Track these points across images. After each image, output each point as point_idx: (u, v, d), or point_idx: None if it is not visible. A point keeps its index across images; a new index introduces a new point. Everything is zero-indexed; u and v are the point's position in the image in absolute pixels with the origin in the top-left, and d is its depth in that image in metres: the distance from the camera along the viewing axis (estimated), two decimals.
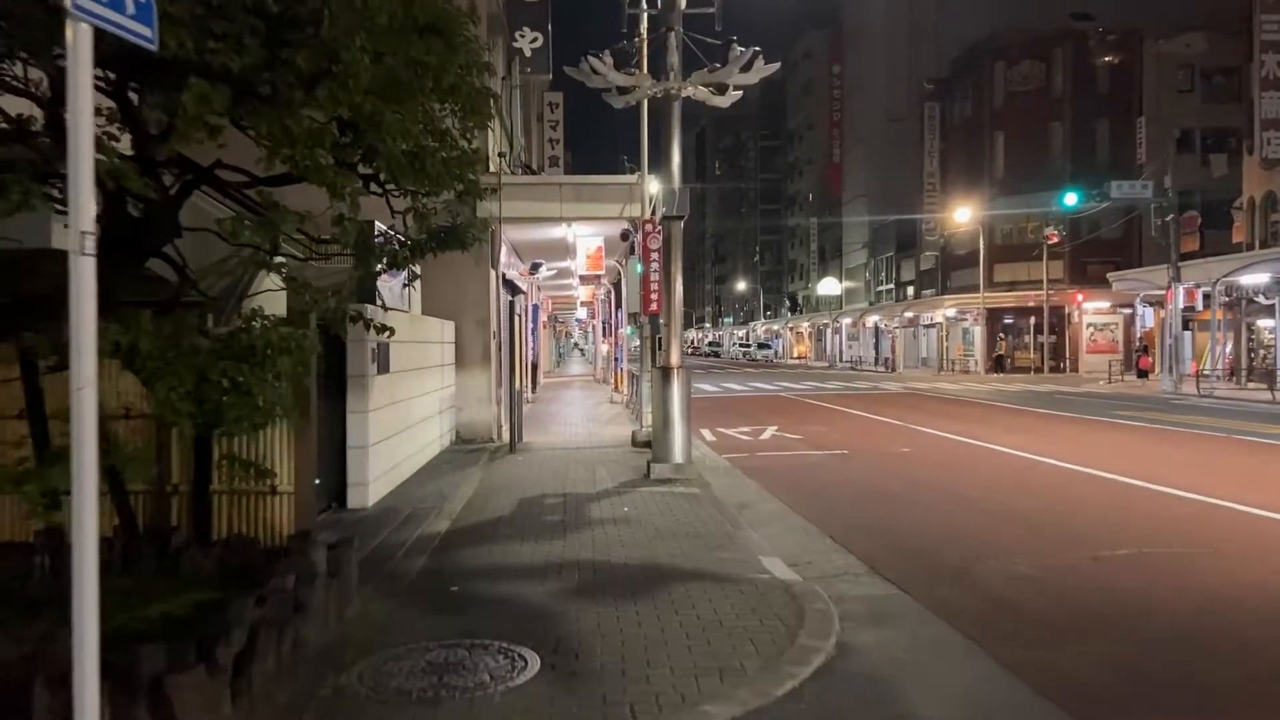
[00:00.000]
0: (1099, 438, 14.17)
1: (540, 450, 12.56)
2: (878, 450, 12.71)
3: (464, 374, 13.82)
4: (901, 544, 6.96)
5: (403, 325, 9.74)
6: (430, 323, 12.11)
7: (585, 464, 11.06)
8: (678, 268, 9.95)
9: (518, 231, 15.30)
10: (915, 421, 16.78)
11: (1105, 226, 41.67)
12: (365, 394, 8.13)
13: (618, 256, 19.43)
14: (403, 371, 9.81)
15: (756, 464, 11.48)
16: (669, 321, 9.94)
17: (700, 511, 7.96)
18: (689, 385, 9.89)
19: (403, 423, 9.73)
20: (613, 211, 13.79)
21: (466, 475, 10.16)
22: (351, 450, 8.13)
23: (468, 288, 13.83)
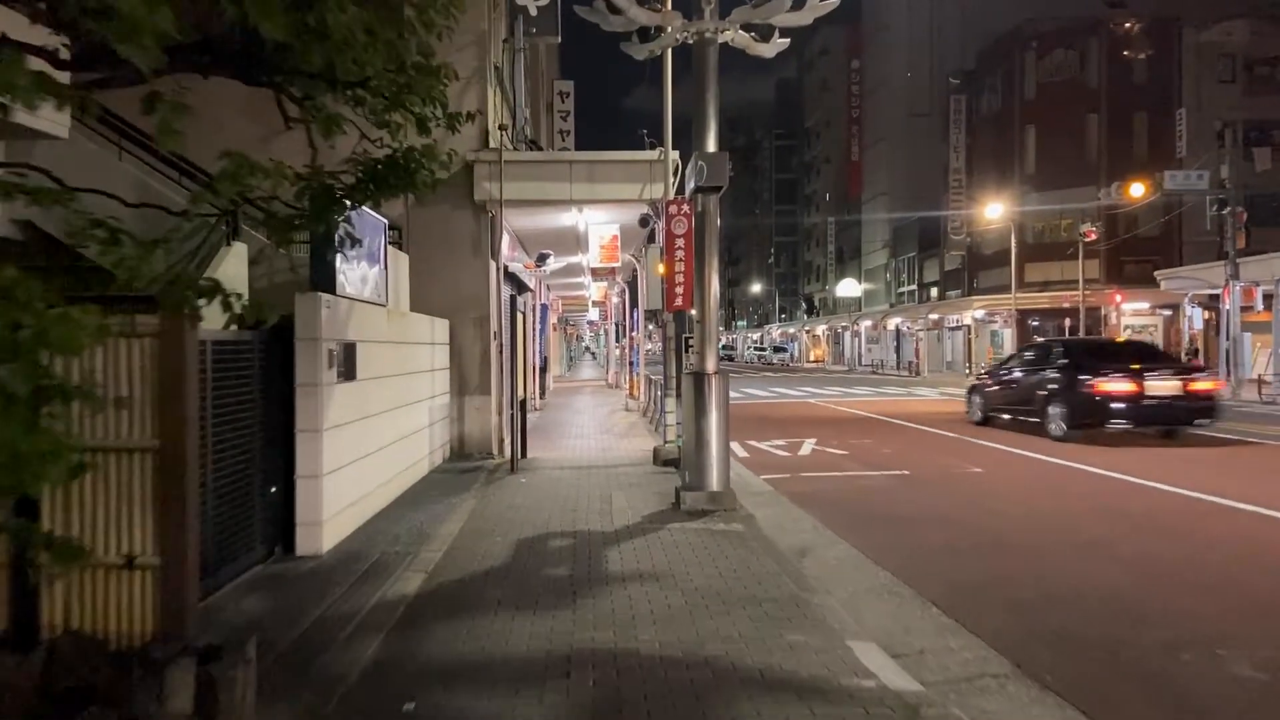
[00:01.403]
0: (1195, 454, 12.26)
1: (547, 469, 10.74)
2: (944, 470, 10.83)
3: (460, 379, 12.02)
4: (1046, 619, 5.09)
5: (377, 321, 7.93)
6: (418, 321, 10.32)
7: (600, 488, 9.23)
8: (714, 252, 8.13)
9: (521, 217, 13.50)
10: (969, 433, 14.87)
11: (1144, 224, 39.69)
12: (318, 407, 6.32)
13: (634, 250, 17.60)
14: (378, 379, 8.01)
15: (804, 489, 9.63)
16: (703, 318, 8.11)
17: (751, 561, 6.12)
18: (727, 396, 8.05)
19: (377, 441, 7.93)
20: (630, 193, 11.98)
21: (456, 504, 8.35)
22: (301, 481, 6.32)
23: (464, 281, 12.05)
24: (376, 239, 8.18)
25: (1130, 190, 26.54)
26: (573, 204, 12.36)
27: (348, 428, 6.96)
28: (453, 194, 11.95)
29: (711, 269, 8.17)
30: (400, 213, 11.86)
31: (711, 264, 8.17)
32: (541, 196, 11.95)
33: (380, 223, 8.33)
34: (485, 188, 11.76)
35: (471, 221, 12.03)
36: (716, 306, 8.20)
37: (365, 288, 7.68)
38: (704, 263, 8.17)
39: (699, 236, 8.21)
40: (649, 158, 11.87)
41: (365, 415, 7.54)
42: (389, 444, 8.41)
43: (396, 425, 8.78)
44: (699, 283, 8.24)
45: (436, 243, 11.96)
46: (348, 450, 6.99)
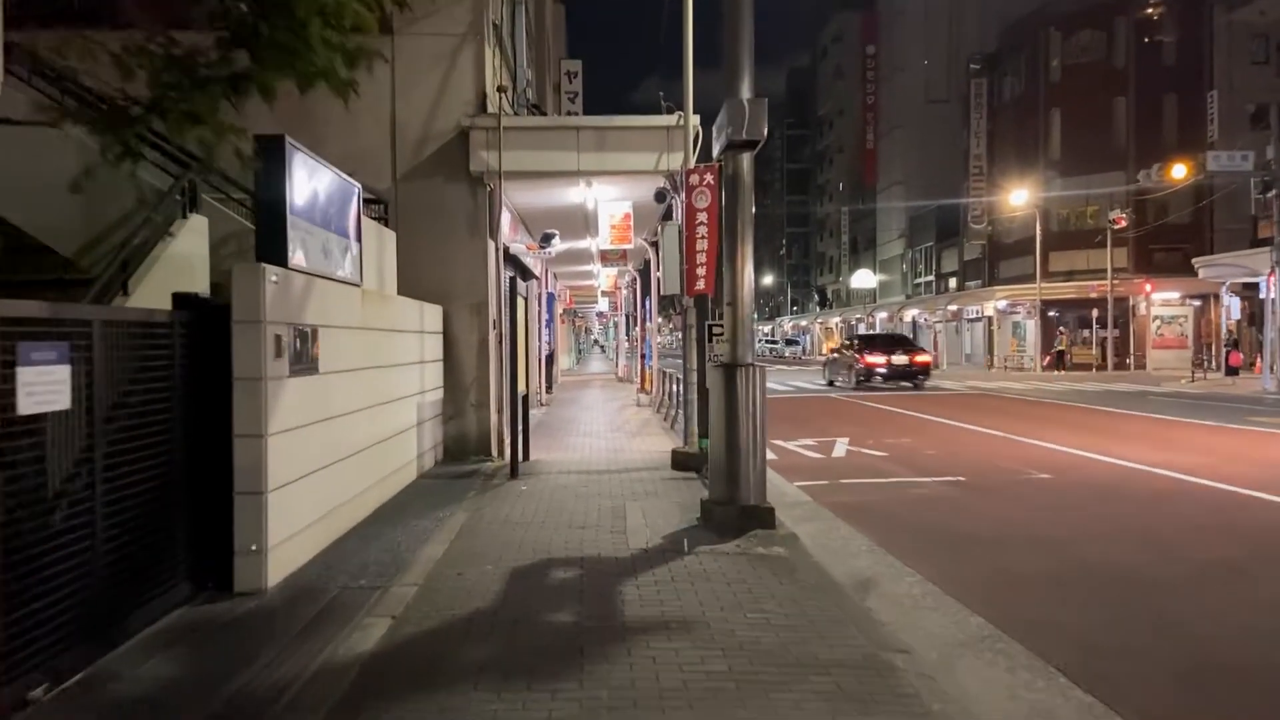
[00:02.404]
0: (1275, 453, 10.94)
1: (552, 474, 9.48)
2: (1004, 475, 9.53)
3: (455, 372, 10.77)
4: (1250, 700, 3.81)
5: (349, 304, 6.68)
6: (406, 306, 9.06)
7: (612, 498, 7.96)
8: (748, 223, 6.82)
9: (523, 192, 12.22)
10: (1016, 430, 13.54)
11: (1174, 212, 38.14)
12: (261, 407, 5.06)
13: (647, 233, 16.31)
14: (351, 371, 6.75)
15: (849, 499, 8.34)
16: (735, 300, 6.81)
17: (805, 602, 4.84)
18: (764, 392, 6.76)
19: (348, 445, 6.67)
20: (645, 163, 10.69)
21: (443, 519, 7.09)
22: (240, 500, 5.06)
23: (460, 263, 10.79)
24: (347, 206, 6.91)
25: (1172, 171, 25.03)
26: (580, 176, 11.07)
27: (306, 431, 5.70)
28: (446, 164, 10.70)
29: (745, 243, 6.87)
30: (387, 186, 10.64)
31: (744, 237, 6.88)
32: (545, 168, 10.67)
33: (351, 187, 7.07)
34: (482, 157, 10.48)
35: (467, 196, 10.76)
36: (751, 287, 6.91)
37: (331, 263, 6.42)
38: (736, 236, 6.87)
39: (730, 204, 6.90)
40: (666, 123, 10.57)
41: (331, 415, 6.29)
42: (365, 448, 7.15)
43: (375, 426, 7.53)
44: (729, 260, 6.94)
45: (428, 219, 10.70)
46: (306, 458, 5.74)
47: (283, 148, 5.41)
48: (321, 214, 6.21)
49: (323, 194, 6.24)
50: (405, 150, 10.74)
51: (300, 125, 8.90)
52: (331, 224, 6.46)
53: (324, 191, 6.27)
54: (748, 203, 6.87)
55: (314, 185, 6.05)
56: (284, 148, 5.41)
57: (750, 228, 6.91)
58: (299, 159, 5.66)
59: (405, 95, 10.69)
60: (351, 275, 6.95)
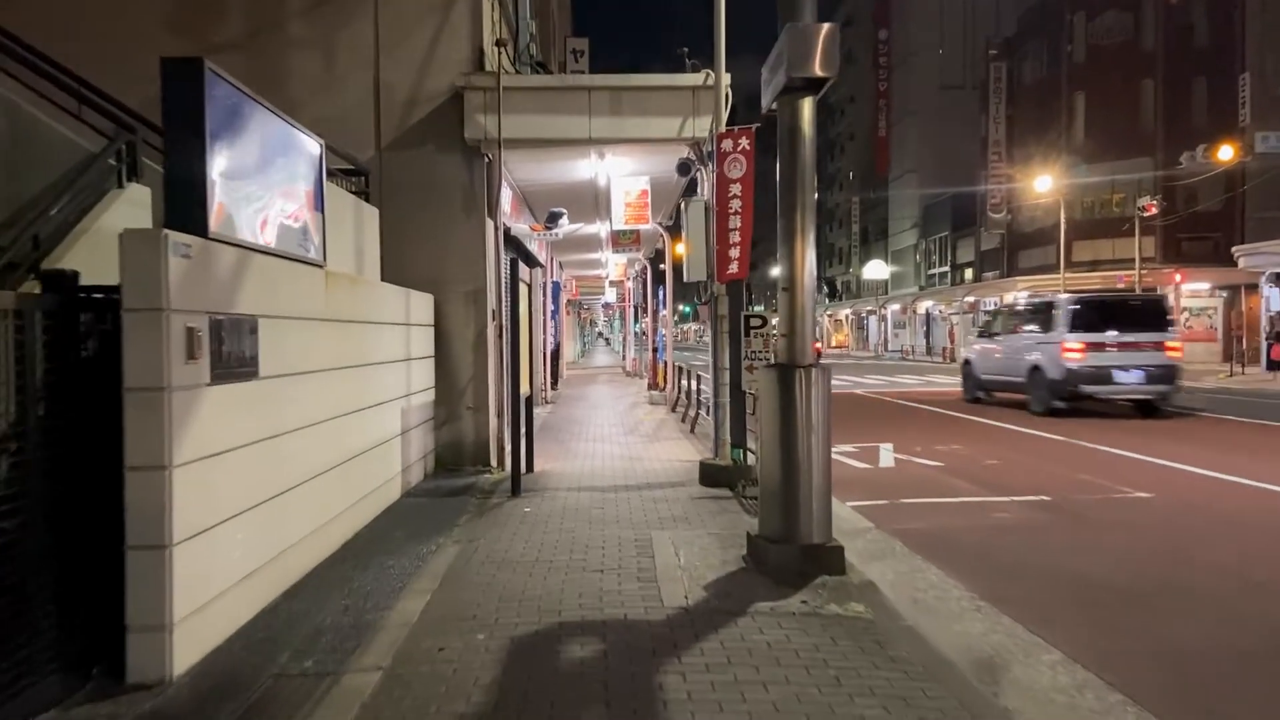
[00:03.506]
0: None
1: (560, 490, 8.10)
2: (1093, 493, 8.10)
3: (448, 371, 9.39)
4: None
5: (307, 290, 5.28)
6: (386, 294, 7.66)
7: (634, 525, 6.57)
8: (809, 189, 5.40)
9: (526, 165, 10.79)
10: (1075, 434, 12.11)
11: (1204, 199, 36.61)
12: (163, 427, 3.66)
13: (663, 215, 14.86)
14: (308, 374, 5.35)
15: (920, 525, 6.94)
16: (793, 286, 5.38)
17: (916, 700, 3.44)
18: (830, 401, 5.35)
19: (304, 468, 5.28)
20: (667, 129, 9.26)
21: (425, 559, 5.70)
22: (134, 556, 3.67)
23: (453, 245, 9.40)
24: (305, 166, 5.50)
25: (1219, 153, 23.55)
26: (592, 145, 9.64)
27: (238, 455, 4.30)
28: (437, 131, 9.29)
29: (805, 215, 5.45)
30: (370, 155, 9.24)
31: (805, 206, 5.45)
32: (552, 134, 9.24)
33: (310, 144, 5.66)
34: (479, 122, 9.07)
35: (462, 168, 9.35)
36: (813, 270, 5.48)
37: (281, 237, 5.01)
38: (795, 205, 5.44)
39: (788, 166, 5.47)
40: (692, 82, 9.14)
41: (281, 431, 4.89)
42: (330, 468, 5.76)
43: (346, 439, 6.14)
44: (786, 236, 5.51)
45: (417, 195, 9.30)
46: (238, 491, 4.34)
47: (199, 74, 3.99)
48: (266, 172, 4.81)
49: (268, 146, 4.84)
50: (391, 115, 9.33)
51: (271, 85, 7.49)
52: (281, 187, 5.06)
53: (270, 144, 4.87)
54: (809, 163, 5.44)
55: (254, 133, 4.64)
56: (201, 73, 3.99)
57: (812, 194, 5.49)
58: (224, 93, 4.25)
59: (391, 52, 9.27)
60: (312, 253, 5.54)
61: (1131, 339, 14.43)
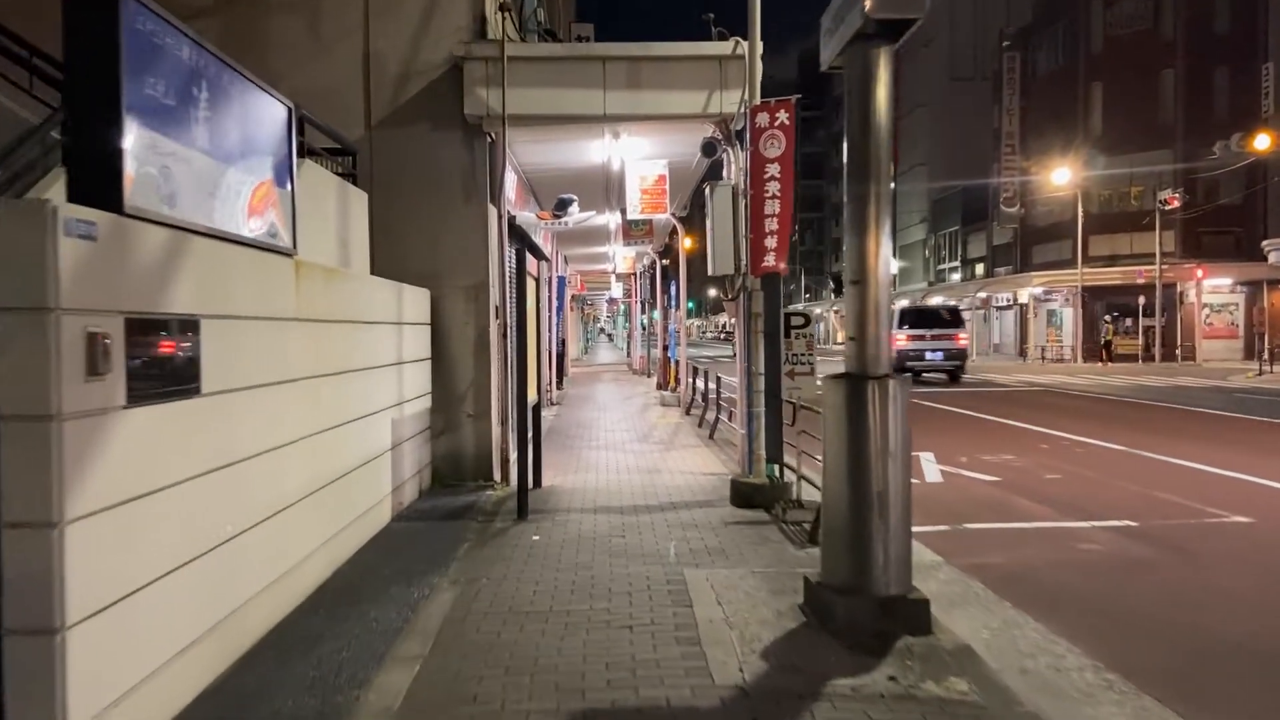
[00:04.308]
0: None
1: (572, 511, 7.13)
2: (1184, 517, 7.11)
3: (447, 374, 8.43)
4: None
5: (271, 283, 4.31)
6: (373, 289, 6.69)
7: (662, 561, 5.60)
8: (884, 159, 4.42)
9: (531, 148, 9.81)
10: (1133, 442, 11.12)
11: (1225, 193, 35.58)
12: (49, 469, 2.69)
13: (678, 205, 13.86)
14: (271, 386, 4.38)
15: (997, 559, 5.97)
16: (865, 278, 4.40)
17: None
18: (906, 419, 4.38)
19: (264, 502, 4.31)
20: (690, 105, 8.28)
21: (416, 607, 4.73)
22: (13, 643, 2.70)
23: (452, 235, 8.44)
24: (268, 134, 4.53)
25: (1255, 142, 22.54)
26: (606, 123, 8.66)
27: (171, 495, 3.34)
28: (434, 106, 8.33)
29: (879, 190, 4.47)
30: (360, 134, 8.27)
31: (879, 179, 4.47)
32: (562, 110, 8.26)
33: (275, 105, 4.69)
34: (480, 97, 8.10)
35: (461, 148, 8.38)
36: (889, 259, 4.50)
37: (232, 216, 4.03)
38: (867, 181, 4.46)
39: (859, 130, 4.47)
40: (719, 51, 8.15)
41: (233, 459, 3.92)
42: (299, 499, 4.79)
43: (323, 460, 5.17)
44: (857, 220, 4.53)
45: (412, 178, 8.35)
46: (173, 541, 3.37)
47: None
48: (214, 136, 3.83)
49: (216, 104, 3.86)
50: (382, 89, 8.36)
51: (247, 55, 6.52)
52: (235, 156, 4.08)
53: (219, 100, 3.89)
54: (885, 130, 4.45)
55: (195, 85, 3.67)
56: None
57: (889, 169, 4.50)
58: (151, 27, 3.27)
59: (381, 17, 8.30)
60: (278, 239, 4.57)
61: (936, 333, 23.46)
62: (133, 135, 3.12)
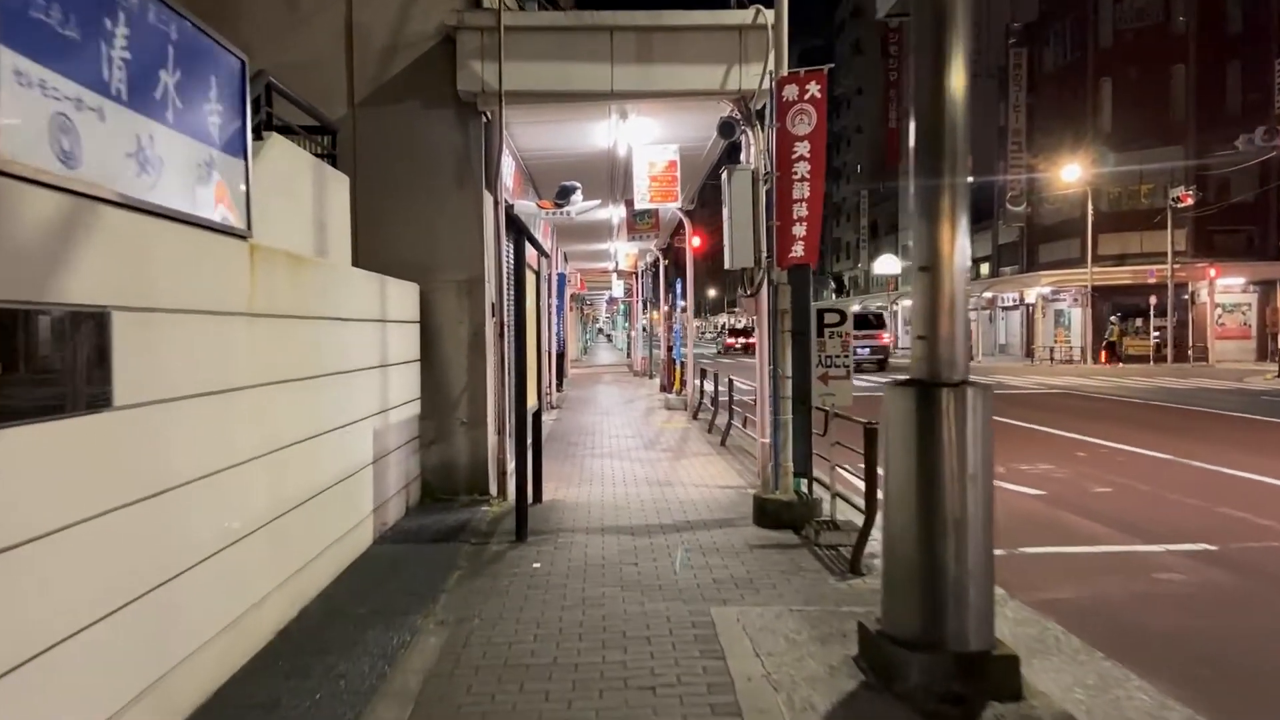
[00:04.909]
0: None
1: (577, 532, 6.37)
2: (1262, 537, 6.35)
3: (438, 378, 7.67)
4: None
5: (211, 269, 3.51)
6: (352, 282, 5.92)
7: (683, 594, 4.83)
8: (960, 128, 3.66)
9: (530, 130, 9.05)
10: (1177, 450, 10.37)
11: (1238, 190, 34.85)
12: None
13: (687, 199, 13.08)
14: (212, 396, 3.61)
15: (1067, 595, 5.20)
16: (936, 265, 3.65)
17: None
18: (990, 436, 3.62)
19: (200, 543, 3.54)
20: (707, 80, 7.51)
21: (392, 661, 3.94)
22: None
23: (444, 225, 7.67)
24: (214, 89, 3.75)
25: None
26: (614, 100, 7.88)
27: (64, 541, 2.56)
28: (424, 82, 7.56)
29: (954, 166, 3.71)
30: (343, 113, 7.51)
31: (953, 155, 3.71)
32: (565, 86, 7.48)
33: (229, 60, 3.92)
34: (475, 71, 7.33)
35: (454, 128, 7.61)
36: (966, 245, 3.74)
37: (160, 183, 3.25)
38: (939, 156, 3.71)
39: (929, 92, 3.73)
40: (739, 21, 7.39)
41: (160, 488, 3.15)
42: (253, 530, 4.02)
43: (284, 482, 4.39)
44: (928, 196, 3.78)
45: (399, 161, 7.59)
46: (69, 600, 2.60)
47: None
48: (136, 84, 3.06)
49: (141, 44, 3.09)
50: (367, 64, 7.59)
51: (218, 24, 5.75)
52: (169, 113, 3.31)
53: (144, 40, 3.12)
54: (960, 88, 3.69)
55: (106, 11, 2.89)
56: None
57: (965, 138, 3.73)
58: None
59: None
60: (226, 218, 3.79)
61: (865, 333, 29.54)
62: (4, 63, 2.35)
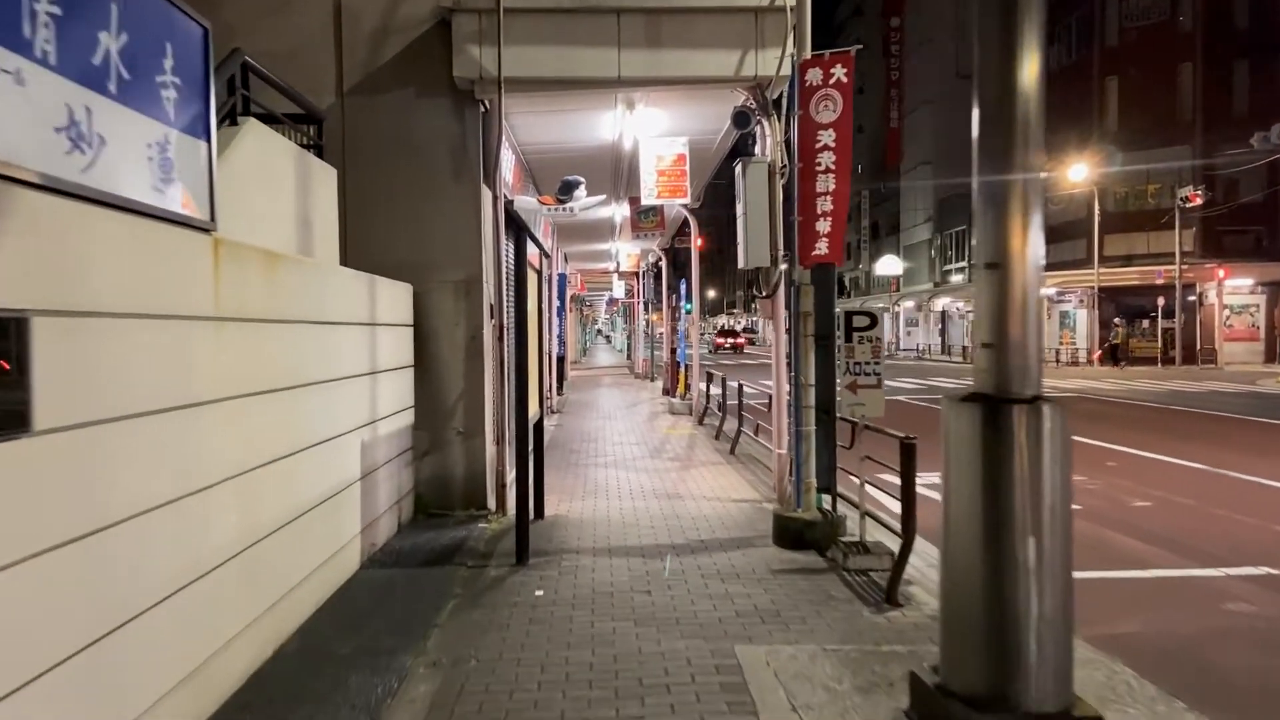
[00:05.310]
0: None
1: (583, 554, 5.87)
2: None
3: (433, 385, 7.17)
4: None
5: (173, 262, 2.99)
6: (339, 283, 5.43)
7: (703, 628, 4.34)
8: (1033, 107, 3.17)
9: (531, 121, 8.55)
10: (1208, 459, 9.88)
11: (1246, 191, 34.39)
12: None
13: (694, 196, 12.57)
14: (166, 414, 3.11)
15: (1130, 629, 4.70)
16: (1004, 261, 3.15)
17: None
18: (1069, 462, 3.13)
19: (148, 587, 3.04)
20: (721, 67, 7.01)
21: (377, 712, 3.46)
22: None
23: (439, 221, 7.18)
24: (170, 58, 3.25)
25: None
26: (620, 88, 7.39)
27: None
28: (417, 69, 7.07)
29: (1026, 146, 3.20)
30: (331, 102, 7.01)
31: (1025, 136, 3.20)
32: (569, 73, 6.97)
33: (190, 25, 3.42)
34: (472, 57, 6.83)
35: (450, 118, 7.12)
36: (1041, 237, 3.24)
37: (98, 163, 2.75)
38: (1009, 137, 3.20)
39: (997, 58, 3.22)
40: (755, 3, 6.88)
41: (96, 527, 2.65)
42: (216, 566, 3.52)
43: (255, 508, 3.89)
44: (996, 189, 3.27)
45: (391, 153, 7.09)
46: None
47: None
48: (67, 45, 2.56)
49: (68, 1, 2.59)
50: (356, 49, 7.10)
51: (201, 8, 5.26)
52: (112, 82, 2.81)
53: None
54: (1033, 66, 3.19)
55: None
56: None
57: (1039, 119, 3.23)
58: None
59: None
60: (184, 207, 3.29)
61: (733, 342, 52.77)
62: None
